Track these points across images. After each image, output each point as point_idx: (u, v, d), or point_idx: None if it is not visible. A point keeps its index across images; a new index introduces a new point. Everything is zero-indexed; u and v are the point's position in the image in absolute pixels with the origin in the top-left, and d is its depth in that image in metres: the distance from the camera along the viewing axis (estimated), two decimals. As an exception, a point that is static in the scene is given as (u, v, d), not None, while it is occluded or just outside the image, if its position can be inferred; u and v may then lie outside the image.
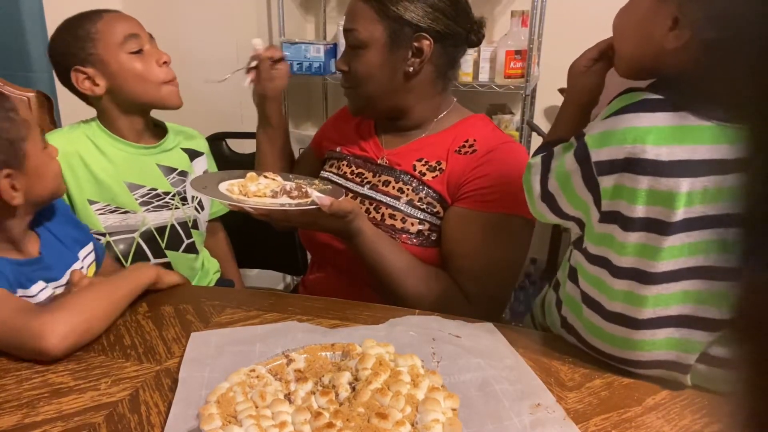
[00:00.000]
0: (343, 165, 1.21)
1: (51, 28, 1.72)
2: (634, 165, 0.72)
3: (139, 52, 1.17)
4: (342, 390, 0.67)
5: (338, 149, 1.24)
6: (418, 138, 1.16)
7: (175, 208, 1.29)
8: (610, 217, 0.76)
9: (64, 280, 0.98)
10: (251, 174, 1.05)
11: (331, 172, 1.22)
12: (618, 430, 0.68)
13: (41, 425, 0.68)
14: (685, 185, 0.69)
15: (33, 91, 1.28)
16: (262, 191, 0.99)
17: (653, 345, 0.76)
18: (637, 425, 0.69)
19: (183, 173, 1.31)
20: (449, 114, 1.17)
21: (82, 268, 1.03)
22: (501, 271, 1.07)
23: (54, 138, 1.18)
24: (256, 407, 0.64)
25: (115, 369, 0.79)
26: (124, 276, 0.96)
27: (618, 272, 0.76)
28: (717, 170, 0.68)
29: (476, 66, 2.08)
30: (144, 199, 1.26)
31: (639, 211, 0.72)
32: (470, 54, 2.06)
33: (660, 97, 0.73)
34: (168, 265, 1.28)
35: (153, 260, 1.27)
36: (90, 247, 1.07)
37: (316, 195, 0.94)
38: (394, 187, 1.11)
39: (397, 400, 0.64)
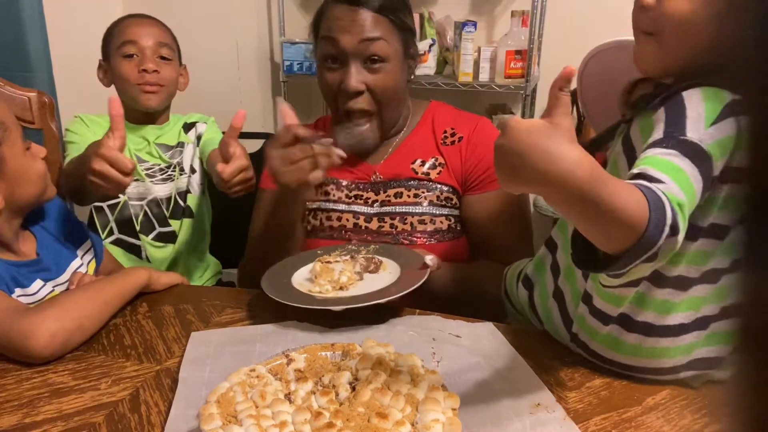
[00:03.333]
0: (331, 190, 1.12)
1: (51, 28, 1.73)
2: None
3: (130, 56, 1.29)
4: (342, 390, 0.67)
5: None
6: (396, 142, 1.15)
7: (177, 179, 1.39)
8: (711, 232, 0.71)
9: (64, 278, 0.98)
10: (320, 266, 0.94)
11: (319, 201, 1.13)
12: (618, 430, 0.68)
13: (41, 425, 0.68)
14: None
15: (33, 91, 1.29)
16: (352, 279, 0.93)
17: (686, 348, 0.74)
18: (637, 425, 0.69)
19: (180, 144, 1.41)
20: (415, 109, 1.17)
21: (82, 265, 1.03)
22: (530, 228, 1.15)
23: (81, 127, 1.34)
24: (256, 407, 0.65)
25: (116, 369, 0.79)
26: (117, 277, 0.96)
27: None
28: None
29: (476, 66, 2.08)
30: (149, 172, 1.38)
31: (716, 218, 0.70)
32: (470, 54, 2.06)
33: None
34: (172, 234, 1.38)
35: (159, 228, 1.37)
36: (88, 244, 1.07)
37: (429, 258, 0.93)
38: (409, 196, 1.10)
39: (397, 400, 0.64)
